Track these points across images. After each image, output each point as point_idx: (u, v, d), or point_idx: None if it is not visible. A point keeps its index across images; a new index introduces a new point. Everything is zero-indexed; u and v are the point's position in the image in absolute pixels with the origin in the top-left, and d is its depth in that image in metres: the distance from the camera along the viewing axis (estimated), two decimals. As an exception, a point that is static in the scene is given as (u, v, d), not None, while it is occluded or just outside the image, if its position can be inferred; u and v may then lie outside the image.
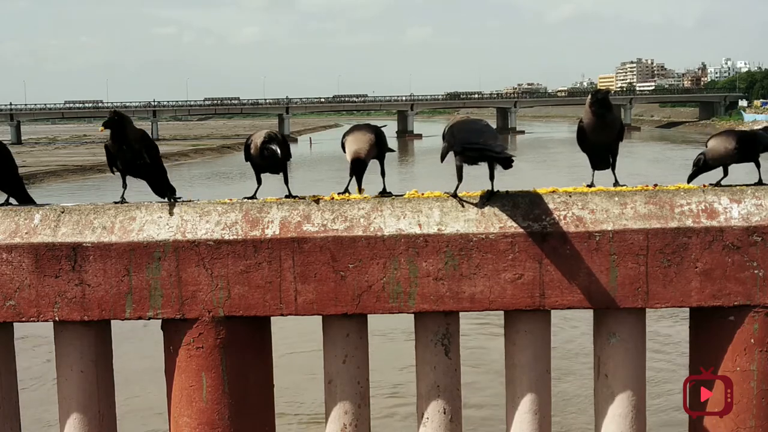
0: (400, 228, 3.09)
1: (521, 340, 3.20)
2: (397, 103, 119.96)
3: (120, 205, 3.27)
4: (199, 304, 3.13)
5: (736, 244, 3.03)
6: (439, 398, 3.22)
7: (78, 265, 3.12)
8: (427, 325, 3.22)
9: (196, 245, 3.11)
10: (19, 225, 3.19)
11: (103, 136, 3.41)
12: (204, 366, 3.15)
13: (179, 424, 3.23)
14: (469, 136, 3.13)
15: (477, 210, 3.13)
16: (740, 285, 3.03)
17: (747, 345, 3.06)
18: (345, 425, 3.26)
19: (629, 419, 3.18)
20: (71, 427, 3.28)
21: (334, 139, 3.83)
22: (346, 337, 3.24)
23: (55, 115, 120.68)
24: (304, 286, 3.10)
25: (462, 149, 3.12)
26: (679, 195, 3.14)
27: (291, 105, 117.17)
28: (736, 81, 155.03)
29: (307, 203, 3.21)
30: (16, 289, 3.14)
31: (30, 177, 49.50)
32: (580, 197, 3.16)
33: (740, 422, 3.09)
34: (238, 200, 3.32)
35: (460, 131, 3.19)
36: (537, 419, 3.20)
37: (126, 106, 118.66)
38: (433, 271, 3.07)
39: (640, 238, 3.04)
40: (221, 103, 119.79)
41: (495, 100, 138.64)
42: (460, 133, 3.18)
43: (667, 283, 3.05)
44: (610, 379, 3.20)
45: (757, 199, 3.10)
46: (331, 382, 3.27)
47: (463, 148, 3.11)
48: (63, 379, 3.30)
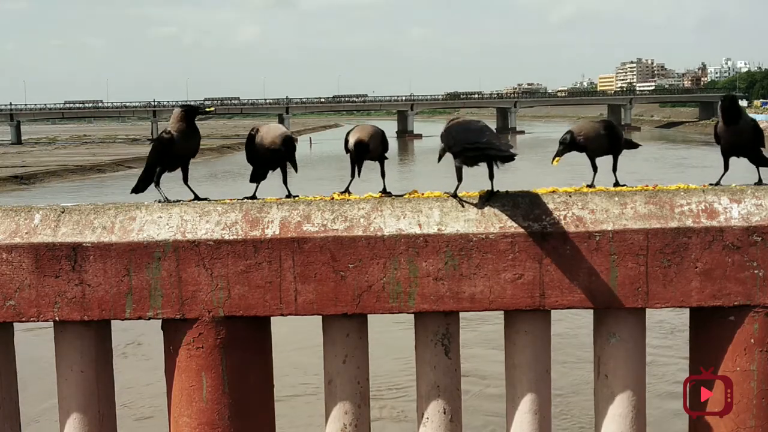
0: (400, 228, 3.10)
1: (521, 340, 3.20)
2: (397, 103, 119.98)
3: (120, 205, 3.27)
4: (199, 304, 3.13)
5: (736, 244, 3.03)
6: (439, 398, 3.22)
7: (78, 265, 3.12)
8: (427, 325, 3.22)
9: (196, 245, 3.11)
10: (19, 225, 3.19)
11: (101, 137, 3.41)
12: (204, 366, 3.16)
13: (179, 424, 3.23)
14: (471, 136, 3.12)
15: (477, 210, 3.13)
16: (740, 285, 3.03)
17: (747, 345, 3.06)
18: (345, 425, 3.26)
19: (629, 419, 3.18)
20: (71, 427, 3.28)
21: (334, 139, 3.85)
22: (346, 337, 3.25)
23: (55, 115, 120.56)
24: (304, 286, 3.10)
25: (462, 149, 3.11)
26: (679, 195, 3.14)
27: (291, 105, 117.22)
28: (736, 81, 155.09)
29: (307, 203, 3.21)
30: (16, 289, 3.14)
31: (30, 177, 49.52)
32: (580, 197, 3.16)
33: (740, 422, 3.09)
34: (237, 200, 3.33)
35: (459, 132, 3.18)
36: (537, 419, 3.20)
37: (126, 106, 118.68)
38: (433, 271, 3.07)
39: (640, 238, 3.04)
40: (221, 103, 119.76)
41: (495, 100, 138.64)
42: (459, 134, 3.17)
43: (667, 283, 3.05)
44: (610, 379, 3.20)
45: (757, 199, 3.10)
46: (331, 382, 3.27)
47: (464, 148, 3.10)
48: (63, 379, 3.30)
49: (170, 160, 3.50)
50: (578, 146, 3.53)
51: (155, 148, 3.50)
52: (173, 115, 3.52)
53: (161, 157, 3.48)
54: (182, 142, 3.46)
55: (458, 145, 3.11)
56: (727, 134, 3.51)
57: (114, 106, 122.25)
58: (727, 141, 3.52)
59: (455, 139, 3.14)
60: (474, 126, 3.20)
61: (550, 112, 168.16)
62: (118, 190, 42.24)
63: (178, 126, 3.46)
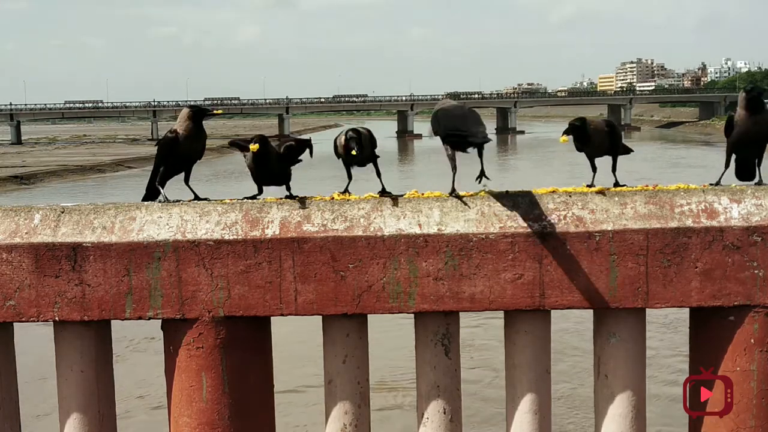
0: (400, 228, 3.10)
1: (521, 340, 3.20)
2: (397, 103, 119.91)
3: (120, 205, 3.27)
4: (199, 304, 3.13)
5: (736, 244, 3.03)
6: (439, 398, 3.22)
7: (78, 265, 3.12)
8: (427, 325, 3.22)
9: (196, 245, 3.11)
10: (19, 225, 3.19)
11: (101, 137, 3.42)
12: (204, 366, 3.16)
13: (179, 424, 3.23)
14: (453, 123, 3.16)
15: (477, 210, 3.13)
16: (740, 285, 3.03)
17: (747, 345, 3.06)
18: (345, 425, 3.26)
19: (629, 419, 3.18)
20: (71, 427, 3.29)
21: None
22: (346, 337, 3.25)
23: (55, 115, 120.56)
24: (304, 286, 3.10)
25: (446, 135, 3.14)
26: (679, 195, 3.14)
27: (291, 105, 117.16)
28: (736, 81, 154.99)
29: (307, 203, 3.21)
30: (16, 289, 3.15)
31: (30, 177, 49.52)
32: (580, 197, 3.16)
33: (740, 422, 3.09)
34: (237, 200, 3.33)
35: (443, 118, 3.22)
36: (537, 419, 3.20)
37: (126, 106, 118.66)
38: (433, 271, 3.07)
39: (640, 238, 3.04)
40: (221, 103, 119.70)
41: (495, 100, 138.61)
42: (444, 119, 3.21)
43: (667, 283, 3.05)
44: (610, 379, 3.20)
45: (757, 199, 3.10)
46: (331, 382, 3.27)
47: (447, 135, 3.14)
48: (63, 379, 3.30)
49: (175, 160, 3.45)
50: (586, 135, 3.53)
51: (160, 147, 3.45)
52: (180, 115, 3.49)
53: (166, 157, 3.44)
54: (188, 142, 3.43)
55: (443, 131, 3.15)
56: (747, 123, 3.47)
57: (114, 106, 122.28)
58: (745, 130, 3.48)
59: (441, 125, 3.18)
60: (457, 112, 3.23)
61: (550, 112, 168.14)
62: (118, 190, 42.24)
63: (184, 126, 3.42)
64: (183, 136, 3.42)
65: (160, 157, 3.45)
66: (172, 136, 3.41)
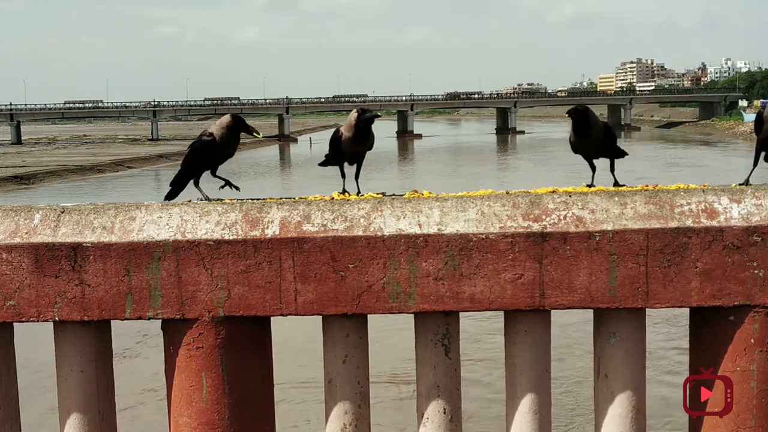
0: (400, 228, 3.10)
1: (521, 340, 3.20)
2: (397, 103, 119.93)
3: (120, 205, 3.27)
4: (199, 304, 3.13)
5: (736, 244, 3.03)
6: (439, 398, 3.22)
7: (78, 265, 3.12)
8: (427, 325, 3.22)
9: (196, 245, 3.11)
10: (19, 225, 3.19)
11: (101, 137, 3.45)
12: (204, 366, 3.16)
13: (179, 424, 3.23)
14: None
15: (477, 210, 3.13)
16: (740, 285, 3.03)
17: (747, 345, 3.06)
18: (345, 425, 3.26)
19: (629, 419, 3.18)
20: (71, 427, 3.28)
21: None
22: (346, 337, 3.25)
23: (55, 115, 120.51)
24: (304, 286, 3.10)
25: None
26: (679, 195, 3.14)
27: (291, 105, 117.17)
28: (736, 81, 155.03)
29: (307, 203, 3.21)
30: (16, 289, 3.14)
31: (30, 177, 49.53)
32: (580, 197, 3.16)
33: (740, 422, 3.09)
34: (237, 200, 3.33)
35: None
36: (537, 419, 3.20)
37: (126, 106, 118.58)
38: (433, 271, 3.07)
39: (640, 238, 3.04)
40: (221, 103, 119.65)
41: (495, 100, 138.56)
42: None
43: (667, 283, 3.05)
44: (610, 379, 3.20)
45: (757, 199, 3.10)
46: (331, 382, 3.27)
47: None
48: (63, 379, 3.30)
49: (209, 161, 3.58)
50: (587, 122, 3.53)
51: (197, 149, 3.59)
52: (221, 120, 3.64)
53: (201, 158, 3.58)
54: (222, 146, 3.57)
55: None
56: None
57: (114, 106, 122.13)
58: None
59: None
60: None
61: (550, 112, 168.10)
62: (118, 190, 42.23)
63: (222, 132, 3.56)
64: (220, 139, 3.56)
65: (197, 157, 3.59)
66: (209, 140, 3.54)
